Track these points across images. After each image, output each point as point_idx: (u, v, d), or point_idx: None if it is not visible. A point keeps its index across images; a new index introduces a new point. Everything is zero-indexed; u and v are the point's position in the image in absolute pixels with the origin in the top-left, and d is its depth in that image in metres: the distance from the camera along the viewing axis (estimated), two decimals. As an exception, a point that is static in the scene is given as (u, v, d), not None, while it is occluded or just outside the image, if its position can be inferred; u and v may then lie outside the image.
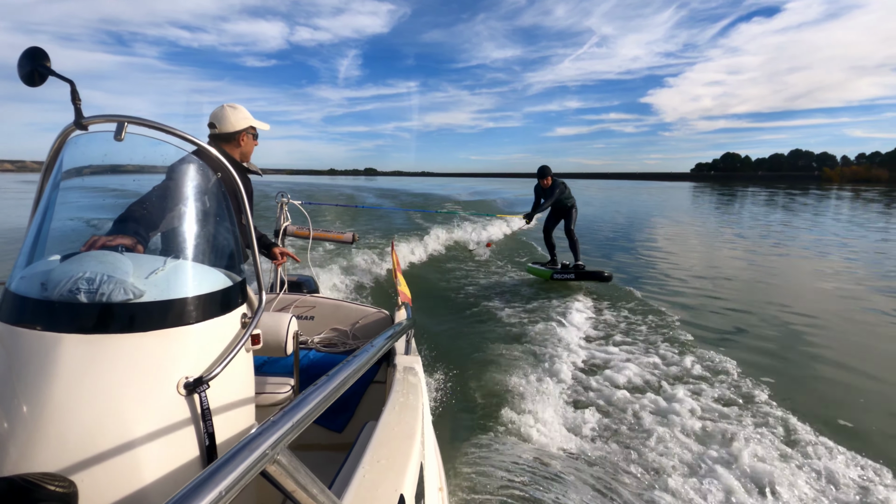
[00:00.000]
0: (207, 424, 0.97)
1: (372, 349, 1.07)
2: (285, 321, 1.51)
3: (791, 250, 10.85)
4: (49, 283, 0.91)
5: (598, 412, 3.28)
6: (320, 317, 2.54)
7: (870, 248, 10.98)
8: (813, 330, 5.18)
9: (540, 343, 4.52)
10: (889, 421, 3.26)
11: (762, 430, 3.03)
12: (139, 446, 0.87)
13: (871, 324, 5.44)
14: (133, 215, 1.17)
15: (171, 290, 0.97)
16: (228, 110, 1.97)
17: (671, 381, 3.76)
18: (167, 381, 0.93)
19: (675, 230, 15.22)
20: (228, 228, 1.19)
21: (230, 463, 0.45)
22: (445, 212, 14.06)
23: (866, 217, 19.59)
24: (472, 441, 2.81)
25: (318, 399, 0.68)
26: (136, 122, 1.01)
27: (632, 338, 4.75)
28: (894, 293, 6.76)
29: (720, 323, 5.41)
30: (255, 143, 2.09)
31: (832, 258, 9.68)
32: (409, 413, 1.21)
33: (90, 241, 1.05)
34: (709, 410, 3.31)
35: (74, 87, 0.98)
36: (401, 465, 0.94)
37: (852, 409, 3.42)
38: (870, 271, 8.35)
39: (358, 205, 14.24)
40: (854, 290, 6.92)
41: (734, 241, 12.37)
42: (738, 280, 7.63)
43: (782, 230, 14.87)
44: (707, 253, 10.61)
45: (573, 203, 6.92)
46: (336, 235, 3.12)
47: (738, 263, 9.14)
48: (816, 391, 3.74)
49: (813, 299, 6.51)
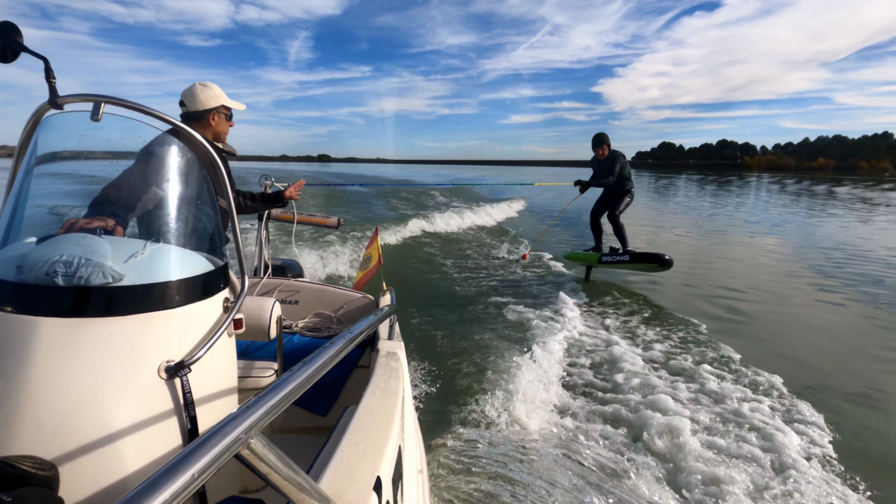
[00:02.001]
0: (189, 408, 0.98)
1: (350, 334, 1.07)
2: (269, 305, 1.50)
3: (720, 227, 13.63)
4: (25, 266, 0.90)
5: (579, 395, 3.42)
6: (305, 301, 2.53)
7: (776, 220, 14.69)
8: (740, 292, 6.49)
9: (523, 329, 4.72)
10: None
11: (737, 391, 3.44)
12: (119, 430, 0.87)
13: (767, 265, 8.47)
14: (109, 197, 1.13)
15: (152, 274, 0.96)
16: (199, 88, 1.91)
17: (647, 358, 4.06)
18: (147, 365, 0.93)
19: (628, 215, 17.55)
20: (208, 211, 1.18)
21: (203, 447, 0.45)
22: (468, 183, 12.89)
23: (779, 199, 24.13)
24: (455, 424, 2.88)
25: (295, 383, 0.68)
26: (114, 102, 0.99)
27: (623, 324, 4.98)
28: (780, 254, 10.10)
29: (668, 287, 6.52)
30: (229, 124, 2.02)
31: (742, 231, 13.12)
32: (389, 397, 1.20)
33: (67, 224, 1.02)
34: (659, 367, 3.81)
35: (48, 64, 0.94)
36: (378, 448, 0.94)
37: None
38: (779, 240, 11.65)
39: (346, 183, 13.74)
40: (753, 251, 10.20)
41: (675, 219, 15.33)
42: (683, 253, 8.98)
43: (707, 210, 18.60)
44: (656, 232, 12.36)
45: (631, 188, 6.14)
46: (321, 220, 3.05)
47: (682, 239, 11.15)
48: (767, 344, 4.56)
49: (732, 266, 8.96)
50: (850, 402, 3.51)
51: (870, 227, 14.06)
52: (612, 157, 6.00)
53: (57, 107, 1.00)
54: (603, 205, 6.38)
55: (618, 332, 4.76)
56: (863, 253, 9.52)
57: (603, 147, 6.03)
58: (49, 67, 0.94)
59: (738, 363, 4.03)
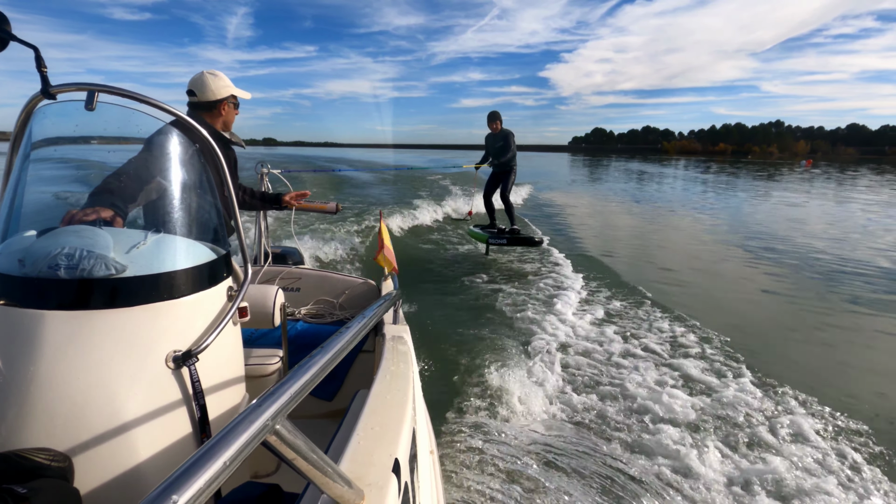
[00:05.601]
0: (199, 397, 0.99)
1: (364, 319, 1.08)
2: (272, 293, 1.53)
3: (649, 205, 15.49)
4: (27, 260, 0.90)
5: (581, 383, 3.37)
6: (306, 288, 2.55)
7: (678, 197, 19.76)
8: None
9: (522, 315, 4.64)
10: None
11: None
12: (130, 420, 0.88)
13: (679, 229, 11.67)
14: (110, 188, 1.13)
15: (155, 265, 0.96)
16: (209, 77, 1.87)
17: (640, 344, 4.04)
18: (154, 355, 0.93)
19: (566, 196, 17.49)
20: (210, 201, 1.17)
21: (231, 435, 0.46)
22: (415, 167, 14.63)
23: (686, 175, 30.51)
24: (459, 409, 2.92)
25: (314, 369, 0.68)
26: (109, 91, 0.98)
27: (617, 315, 4.81)
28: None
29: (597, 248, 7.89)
30: (236, 113, 2.00)
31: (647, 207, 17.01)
32: (399, 381, 1.20)
33: (67, 216, 1.02)
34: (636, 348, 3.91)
35: (39, 54, 0.92)
36: (394, 431, 0.93)
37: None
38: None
39: (334, 168, 15.26)
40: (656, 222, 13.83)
41: (611, 200, 17.06)
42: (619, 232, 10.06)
43: (629, 191, 21.06)
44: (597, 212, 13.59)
45: (514, 167, 6.65)
46: (319, 206, 2.91)
47: (622, 217, 12.38)
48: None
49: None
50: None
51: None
52: (506, 134, 6.52)
53: (50, 97, 0.97)
54: (493, 184, 6.92)
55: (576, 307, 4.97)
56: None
57: (496, 122, 6.52)
58: (39, 56, 0.92)
59: (650, 303, 4.98)
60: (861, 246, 8.57)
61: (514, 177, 6.66)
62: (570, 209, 13.31)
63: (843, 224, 11.32)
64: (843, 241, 9.07)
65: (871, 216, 12.63)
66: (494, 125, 6.53)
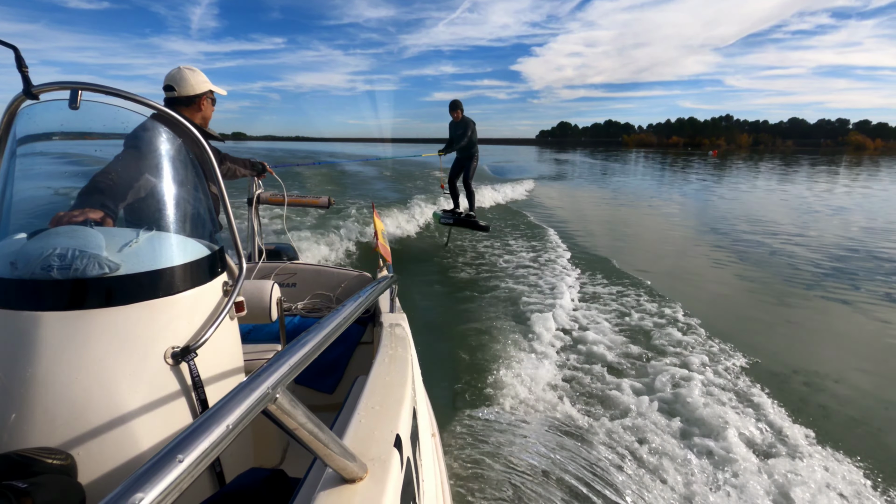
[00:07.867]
0: (199, 392, 1.00)
1: (361, 297, 1.07)
2: (268, 287, 1.52)
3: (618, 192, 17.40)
4: (19, 262, 0.90)
5: (578, 372, 3.42)
6: (302, 283, 2.55)
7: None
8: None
9: (522, 303, 4.77)
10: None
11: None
12: (131, 417, 0.89)
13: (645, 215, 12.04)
14: (98, 187, 1.11)
15: (148, 262, 0.96)
16: (188, 72, 1.88)
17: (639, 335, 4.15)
18: (153, 352, 0.94)
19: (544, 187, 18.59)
20: (199, 196, 1.17)
21: (234, 400, 0.47)
22: (382, 157, 16.98)
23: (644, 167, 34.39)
24: (461, 396, 3.01)
25: (316, 340, 0.68)
26: (92, 89, 0.97)
27: (609, 305, 4.92)
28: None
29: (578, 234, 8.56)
30: (212, 108, 2.02)
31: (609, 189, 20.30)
32: (398, 364, 1.19)
33: (56, 217, 1.02)
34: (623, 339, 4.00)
35: (19, 53, 0.92)
36: (395, 409, 0.93)
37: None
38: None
39: (317, 161, 16.14)
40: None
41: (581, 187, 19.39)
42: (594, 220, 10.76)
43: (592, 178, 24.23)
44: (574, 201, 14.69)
45: (476, 153, 7.04)
46: (311, 200, 2.97)
47: (597, 207, 13.38)
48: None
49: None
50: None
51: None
52: (465, 122, 6.90)
53: (32, 97, 0.97)
54: (457, 170, 7.39)
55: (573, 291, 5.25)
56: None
57: (457, 111, 6.93)
58: (20, 56, 0.91)
59: (617, 272, 5.79)
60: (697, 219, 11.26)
61: (475, 163, 7.09)
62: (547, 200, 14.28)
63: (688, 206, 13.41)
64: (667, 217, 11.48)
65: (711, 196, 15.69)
66: (455, 114, 6.95)
